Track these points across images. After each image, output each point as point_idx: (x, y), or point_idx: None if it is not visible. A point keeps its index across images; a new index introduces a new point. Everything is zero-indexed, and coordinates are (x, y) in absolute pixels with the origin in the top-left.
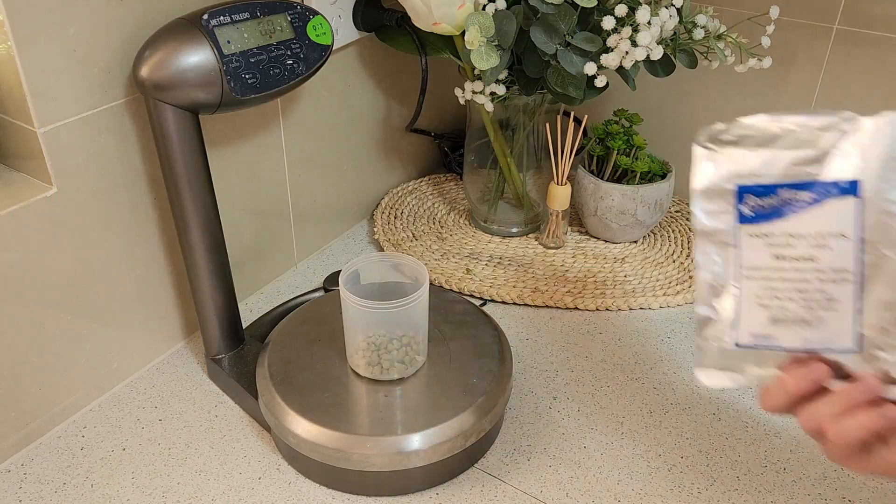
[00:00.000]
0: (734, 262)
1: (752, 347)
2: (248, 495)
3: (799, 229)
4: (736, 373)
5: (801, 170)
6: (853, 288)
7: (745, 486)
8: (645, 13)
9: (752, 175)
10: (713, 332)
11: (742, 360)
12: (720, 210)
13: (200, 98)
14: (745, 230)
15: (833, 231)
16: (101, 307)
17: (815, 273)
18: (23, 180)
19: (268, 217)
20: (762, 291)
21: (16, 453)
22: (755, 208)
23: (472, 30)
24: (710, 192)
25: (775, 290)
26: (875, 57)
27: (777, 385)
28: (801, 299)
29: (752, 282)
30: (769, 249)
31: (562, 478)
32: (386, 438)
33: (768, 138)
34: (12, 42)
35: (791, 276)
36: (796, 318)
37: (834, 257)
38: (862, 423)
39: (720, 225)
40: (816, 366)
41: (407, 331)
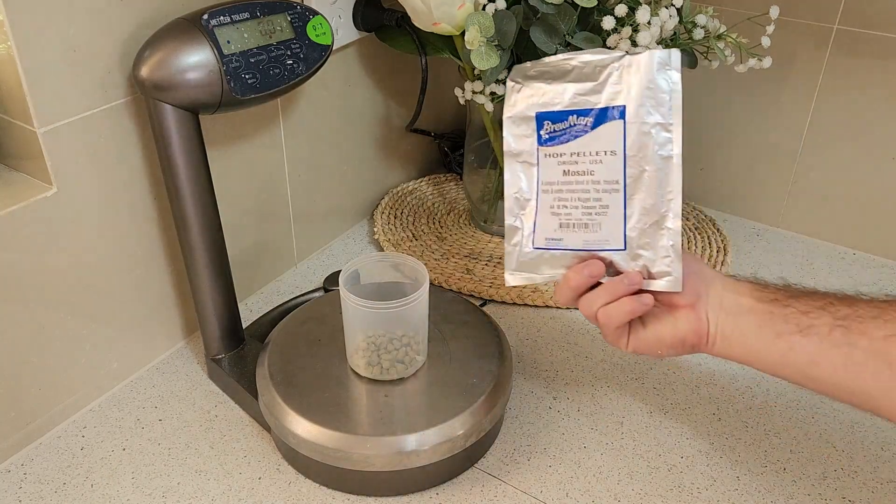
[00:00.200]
0: (535, 178)
1: (545, 249)
2: (248, 495)
3: (582, 148)
4: (534, 273)
5: (584, 99)
6: (622, 196)
7: (745, 486)
8: (645, 13)
9: (547, 104)
10: (517, 238)
11: (538, 263)
12: (524, 134)
13: (200, 98)
14: (542, 151)
15: (607, 149)
16: (101, 307)
17: (594, 185)
18: (23, 180)
19: (268, 217)
20: (554, 202)
21: (16, 453)
22: (550, 132)
23: (472, 30)
24: (517, 119)
25: (564, 201)
26: (875, 57)
27: (563, 280)
28: (582, 207)
29: (547, 195)
30: (560, 167)
31: (562, 478)
32: (386, 438)
33: (562, 73)
34: (12, 42)
35: (575, 188)
36: (579, 223)
37: (607, 171)
38: (624, 309)
39: (525, 147)
40: (593, 263)
41: (407, 331)
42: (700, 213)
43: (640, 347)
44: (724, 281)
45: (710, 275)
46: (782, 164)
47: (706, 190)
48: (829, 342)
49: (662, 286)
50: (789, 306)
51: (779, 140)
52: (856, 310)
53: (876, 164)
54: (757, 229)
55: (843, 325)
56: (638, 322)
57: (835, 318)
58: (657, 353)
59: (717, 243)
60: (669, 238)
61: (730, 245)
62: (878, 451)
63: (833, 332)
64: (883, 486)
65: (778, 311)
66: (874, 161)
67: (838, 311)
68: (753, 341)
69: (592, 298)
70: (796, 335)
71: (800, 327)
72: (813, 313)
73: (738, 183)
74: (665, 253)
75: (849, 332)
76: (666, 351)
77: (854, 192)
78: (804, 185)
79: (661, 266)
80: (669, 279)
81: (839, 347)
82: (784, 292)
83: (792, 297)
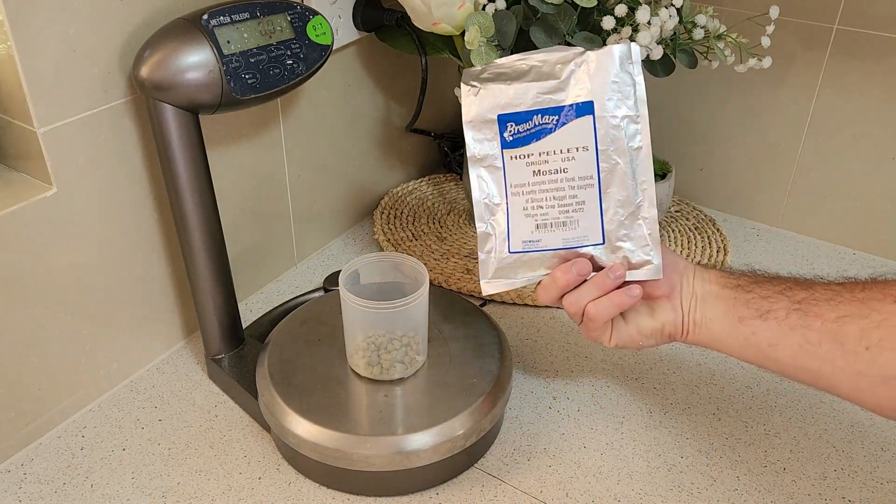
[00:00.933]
0: (502, 182)
1: (524, 252)
2: (248, 495)
3: (551, 147)
4: (512, 279)
5: (548, 97)
6: (597, 191)
7: (745, 486)
8: (645, 13)
9: (509, 105)
10: (490, 245)
11: (516, 267)
12: (487, 138)
13: (200, 98)
14: (508, 153)
15: (578, 145)
16: (101, 307)
17: (567, 182)
18: (23, 180)
19: (268, 217)
20: (527, 204)
21: (16, 453)
22: (514, 133)
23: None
24: (477, 123)
25: (538, 201)
26: (875, 57)
27: (550, 280)
28: (558, 206)
29: (518, 197)
30: (530, 167)
31: (562, 478)
32: (386, 438)
33: (520, 74)
34: (12, 42)
35: (549, 188)
36: (556, 222)
37: (580, 167)
38: (613, 303)
39: (488, 150)
40: (581, 262)
41: (407, 331)
42: (700, 213)
43: (622, 341)
44: (696, 269)
45: (682, 265)
46: (782, 164)
47: (706, 190)
48: (786, 325)
49: (644, 275)
50: (751, 292)
51: (778, 140)
52: (812, 293)
53: (876, 164)
54: (757, 229)
55: (799, 308)
56: (619, 316)
57: (792, 301)
58: (638, 345)
59: (717, 243)
60: (647, 227)
61: (730, 245)
62: (878, 451)
63: (790, 316)
64: (882, 486)
65: (741, 296)
66: (874, 161)
67: (795, 294)
68: (720, 327)
69: (580, 295)
70: (757, 320)
71: (759, 312)
72: (772, 298)
73: (738, 183)
74: (644, 242)
75: (804, 315)
76: (646, 342)
77: (854, 192)
78: (804, 185)
79: (641, 255)
80: (650, 267)
81: (795, 330)
82: (748, 278)
83: (754, 283)
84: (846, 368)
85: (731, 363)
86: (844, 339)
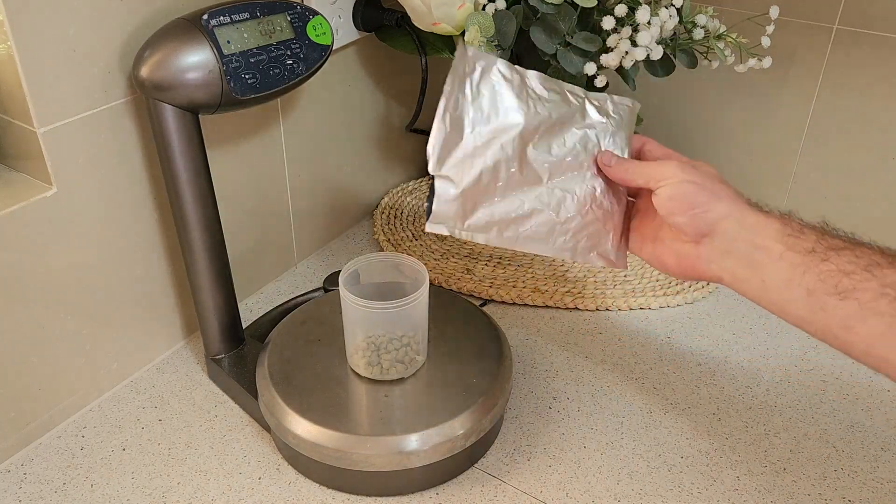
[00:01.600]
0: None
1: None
2: (248, 495)
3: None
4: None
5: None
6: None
7: (745, 486)
8: (645, 13)
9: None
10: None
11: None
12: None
13: (200, 98)
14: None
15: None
16: (101, 307)
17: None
18: (23, 180)
19: (268, 217)
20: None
21: (16, 453)
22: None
23: (472, 30)
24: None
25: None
26: (875, 57)
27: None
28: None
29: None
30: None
31: (562, 478)
32: (386, 438)
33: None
34: (12, 42)
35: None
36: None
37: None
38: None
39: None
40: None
41: (407, 331)
42: None
43: (652, 261)
44: (744, 216)
45: (723, 210)
46: (782, 165)
47: None
48: (870, 310)
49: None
50: (828, 261)
51: (779, 140)
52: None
53: (876, 164)
54: None
55: (890, 293)
56: (651, 238)
57: (881, 283)
58: (665, 271)
59: None
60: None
61: None
62: (878, 451)
63: (878, 301)
64: (883, 486)
65: (814, 265)
66: (874, 161)
67: (886, 275)
68: (777, 293)
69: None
70: (833, 297)
71: (838, 289)
72: (856, 274)
73: (738, 183)
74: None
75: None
76: (673, 272)
77: (854, 192)
78: (804, 185)
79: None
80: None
81: (881, 317)
82: (822, 243)
83: (832, 251)
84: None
85: (732, 363)
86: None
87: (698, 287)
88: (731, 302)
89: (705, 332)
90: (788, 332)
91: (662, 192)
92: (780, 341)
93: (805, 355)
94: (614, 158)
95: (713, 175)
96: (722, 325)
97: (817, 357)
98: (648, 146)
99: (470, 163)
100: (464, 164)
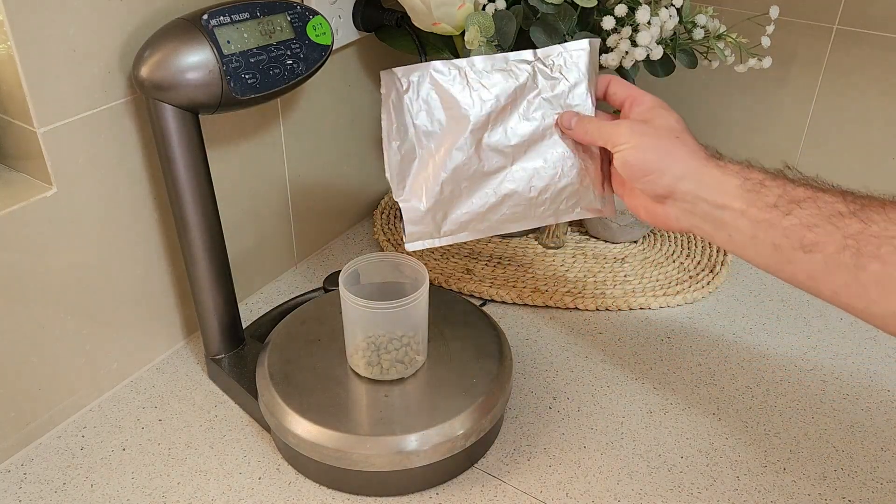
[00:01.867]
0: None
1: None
2: (248, 495)
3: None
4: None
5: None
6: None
7: (745, 486)
8: (645, 13)
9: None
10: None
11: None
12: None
13: (200, 98)
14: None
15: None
16: (101, 307)
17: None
18: (23, 180)
19: (268, 217)
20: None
21: (16, 453)
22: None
23: (471, 30)
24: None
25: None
26: (875, 57)
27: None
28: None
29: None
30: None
31: (562, 478)
32: (386, 438)
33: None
34: (12, 42)
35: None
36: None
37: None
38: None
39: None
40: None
41: (407, 331)
42: None
43: (630, 209)
44: (701, 176)
45: (678, 171)
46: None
47: None
48: (834, 262)
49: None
50: (791, 215)
51: (778, 140)
52: (868, 226)
53: (876, 164)
54: None
55: (853, 245)
56: (626, 187)
57: (844, 235)
58: (643, 221)
59: None
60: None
61: None
62: (878, 451)
63: (842, 254)
64: (883, 486)
65: (777, 221)
66: (874, 161)
67: (848, 225)
68: (743, 248)
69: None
70: (798, 251)
71: (803, 244)
72: (819, 227)
73: None
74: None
75: (858, 254)
76: (650, 223)
77: None
78: None
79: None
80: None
81: (846, 269)
82: (785, 196)
83: (794, 203)
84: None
85: (732, 363)
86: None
87: (698, 287)
88: (732, 302)
89: (705, 332)
90: (788, 332)
91: (618, 158)
92: (780, 341)
93: (805, 355)
94: (574, 119)
95: (668, 129)
96: (722, 325)
97: (817, 357)
98: (613, 87)
99: (429, 178)
100: (424, 182)
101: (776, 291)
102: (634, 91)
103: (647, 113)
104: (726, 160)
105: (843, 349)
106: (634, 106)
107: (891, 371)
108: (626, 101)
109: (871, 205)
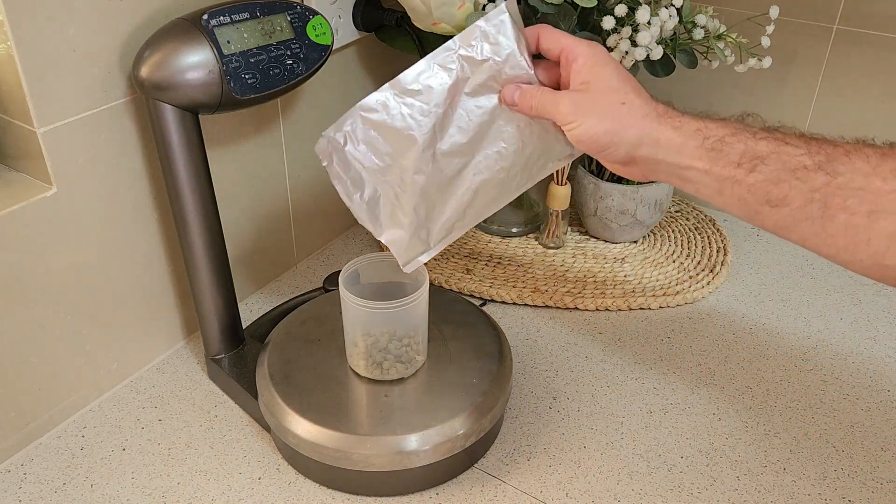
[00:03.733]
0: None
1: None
2: (248, 495)
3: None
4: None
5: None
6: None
7: (745, 486)
8: (645, 13)
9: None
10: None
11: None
12: None
13: (200, 98)
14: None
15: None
16: (101, 307)
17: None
18: (23, 180)
19: (268, 217)
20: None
21: (16, 453)
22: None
23: None
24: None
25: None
26: (875, 57)
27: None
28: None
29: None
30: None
31: (562, 478)
32: (386, 438)
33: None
34: (12, 42)
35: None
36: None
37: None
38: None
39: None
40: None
41: (407, 331)
42: (700, 213)
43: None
44: (657, 139)
45: (633, 139)
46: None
47: None
48: (801, 215)
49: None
50: (755, 171)
51: None
52: (835, 178)
53: None
54: (757, 229)
55: (819, 199)
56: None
57: (810, 188)
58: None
59: (717, 243)
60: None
61: (730, 245)
62: (878, 451)
63: (808, 207)
64: (883, 486)
65: (742, 178)
66: None
67: (814, 179)
68: (712, 200)
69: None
70: (764, 206)
71: (769, 199)
72: (785, 182)
73: None
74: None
75: (825, 206)
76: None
77: None
78: None
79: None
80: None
81: (812, 220)
82: (748, 154)
83: (757, 160)
84: (867, 261)
85: (732, 363)
86: (873, 235)
87: (698, 287)
88: (731, 302)
89: (705, 332)
90: (788, 332)
91: (570, 136)
92: (780, 341)
93: (805, 355)
94: (516, 93)
95: (611, 93)
96: (722, 325)
97: (817, 357)
98: (544, 42)
99: (400, 208)
100: (396, 214)
101: (776, 291)
102: (566, 41)
103: (585, 74)
104: (682, 116)
105: (843, 349)
106: (571, 64)
107: (891, 371)
108: (560, 56)
109: (836, 155)
